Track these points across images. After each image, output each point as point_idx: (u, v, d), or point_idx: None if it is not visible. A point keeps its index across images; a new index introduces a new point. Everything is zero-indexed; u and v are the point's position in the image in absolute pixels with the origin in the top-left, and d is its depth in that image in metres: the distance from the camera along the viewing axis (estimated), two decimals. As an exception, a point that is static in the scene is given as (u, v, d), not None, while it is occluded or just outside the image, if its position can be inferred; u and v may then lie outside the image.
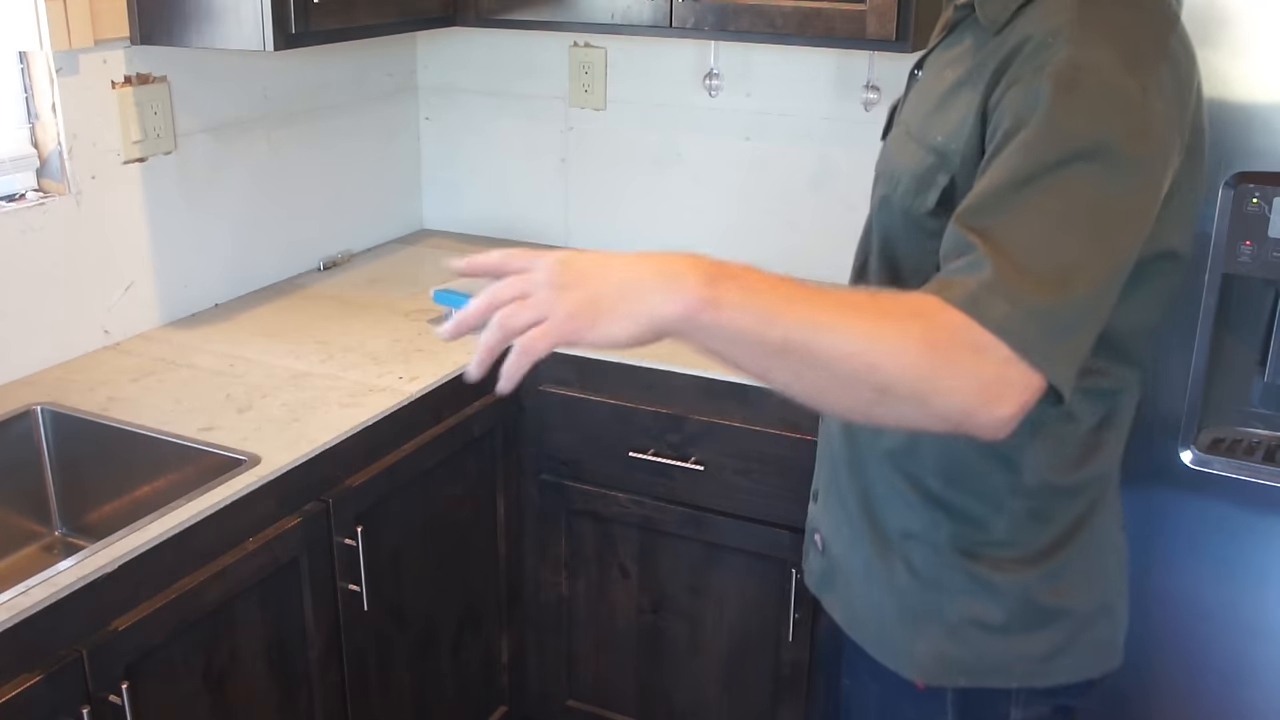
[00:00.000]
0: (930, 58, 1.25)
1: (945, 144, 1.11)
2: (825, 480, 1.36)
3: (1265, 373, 1.77)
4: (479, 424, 2.00)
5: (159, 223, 2.06)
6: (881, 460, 1.24)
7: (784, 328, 0.90)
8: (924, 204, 1.13)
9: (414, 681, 1.96)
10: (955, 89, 1.13)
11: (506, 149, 2.66)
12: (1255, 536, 1.77)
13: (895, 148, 1.23)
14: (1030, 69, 1.02)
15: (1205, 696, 1.88)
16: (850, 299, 0.96)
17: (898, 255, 1.20)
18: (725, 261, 0.96)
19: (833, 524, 1.34)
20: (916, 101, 1.23)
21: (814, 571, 1.41)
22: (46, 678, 1.27)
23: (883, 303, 0.96)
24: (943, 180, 1.11)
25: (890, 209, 1.20)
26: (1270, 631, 1.81)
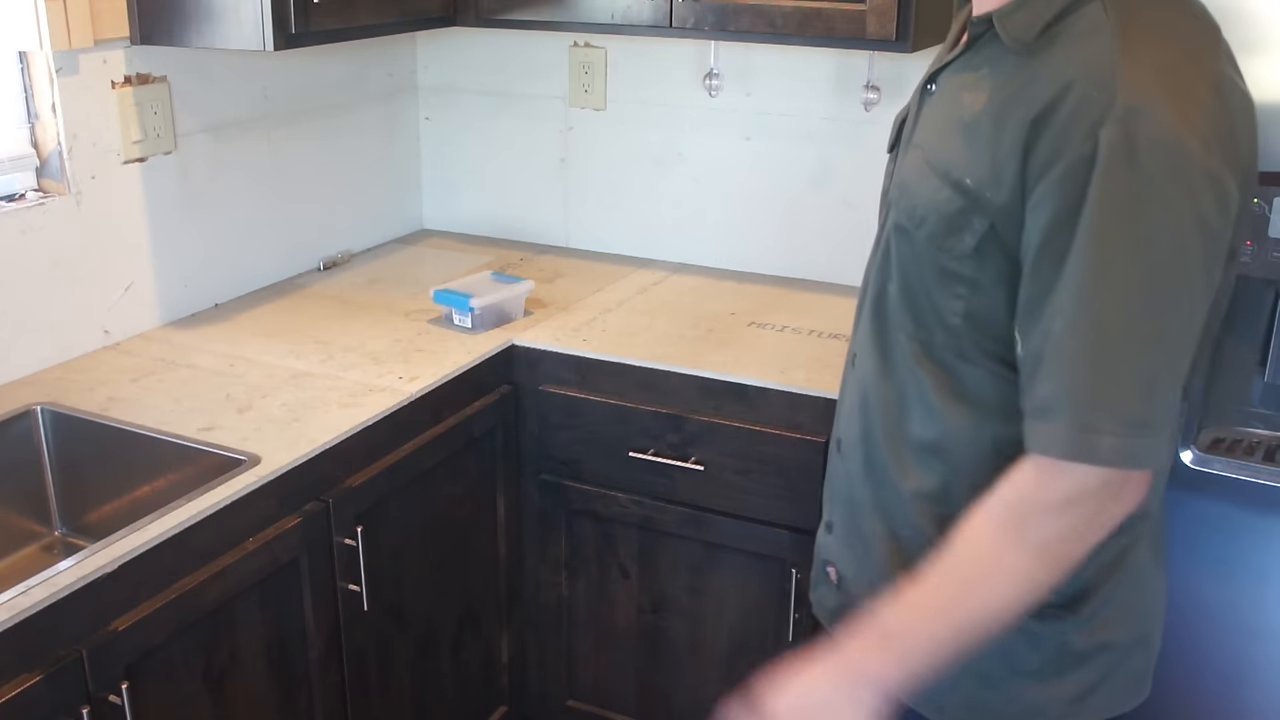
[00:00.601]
0: (945, 74, 1.18)
1: (978, 189, 1.06)
2: (843, 517, 1.31)
3: (1265, 373, 1.77)
4: (479, 424, 2.00)
5: (159, 223, 2.06)
6: (909, 504, 1.20)
7: (954, 636, 1.05)
8: (959, 247, 1.08)
9: (414, 681, 1.96)
10: (979, 121, 1.08)
11: (506, 149, 2.66)
12: (1255, 536, 1.77)
13: (912, 175, 1.16)
14: (1080, 134, 0.98)
15: (1205, 696, 1.88)
16: (966, 560, 1.05)
17: (921, 295, 1.15)
18: (869, 638, 1.09)
19: (852, 562, 1.30)
20: (932, 123, 1.17)
21: (826, 605, 1.37)
22: (46, 678, 1.27)
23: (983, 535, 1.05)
24: (979, 225, 1.07)
25: (913, 245, 1.14)
26: (1270, 631, 1.81)
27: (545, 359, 2.07)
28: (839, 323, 2.18)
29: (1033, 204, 1.02)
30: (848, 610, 1.30)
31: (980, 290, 1.09)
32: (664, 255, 2.56)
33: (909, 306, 1.16)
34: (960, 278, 1.09)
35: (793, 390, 1.89)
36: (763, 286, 2.39)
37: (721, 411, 1.95)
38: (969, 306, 1.10)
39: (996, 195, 1.05)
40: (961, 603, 1.05)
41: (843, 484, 1.31)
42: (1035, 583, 1.03)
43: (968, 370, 1.13)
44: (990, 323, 1.09)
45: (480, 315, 2.10)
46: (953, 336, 1.12)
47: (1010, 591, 1.04)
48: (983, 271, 1.08)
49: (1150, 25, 1.02)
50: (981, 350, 1.11)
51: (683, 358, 2.00)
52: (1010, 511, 1.04)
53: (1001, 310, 1.08)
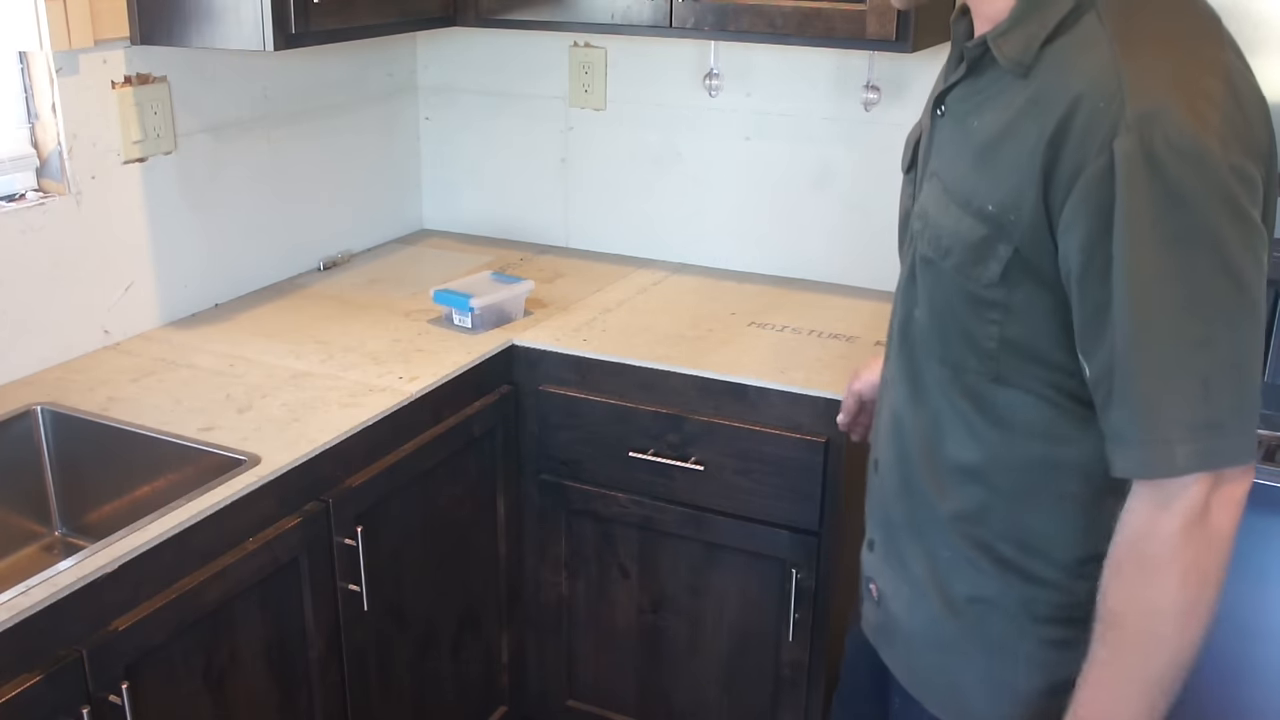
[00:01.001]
0: (954, 95, 1.16)
1: (1000, 214, 1.05)
2: (882, 536, 1.31)
3: (1265, 373, 1.77)
4: (479, 424, 2.00)
5: (159, 223, 2.06)
6: (946, 526, 1.20)
7: (1158, 695, 1.06)
8: (985, 276, 1.07)
9: (414, 681, 1.96)
10: (994, 145, 1.07)
11: (506, 149, 2.66)
12: (1255, 536, 1.78)
13: (933, 206, 1.15)
14: (1094, 148, 0.97)
15: (1205, 696, 1.88)
16: (1130, 623, 1.04)
17: (952, 323, 1.14)
18: None
19: (891, 581, 1.30)
20: (947, 150, 1.16)
21: (870, 622, 1.36)
22: (46, 678, 1.27)
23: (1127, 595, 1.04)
24: (1004, 252, 1.06)
25: (940, 275, 1.13)
26: (1270, 631, 1.81)
27: (545, 359, 2.07)
28: (839, 323, 2.18)
29: (1063, 226, 1.01)
30: (891, 632, 1.30)
31: (1013, 315, 1.08)
32: (664, 255, 2.56)
33: (939, 333, 1.16)
34: (992, 304, 1.08)
35: (793, 390, 1.89)
36: (763, 286, 2.39)
37: (721, 411, 1.95)
38: (1004, 332, 1.09)
39: (1020, 219, 1.04)
40: (1149, 664, 1.04)
41: (880, 504, 1.30)
42: (1198, 609, 1.02)
43: (1004, 394, 1.12)
44: (1027, 346, 1.09)
45: (480, 315, 2.10)
46: (988, 361, 1.11)
47: (1180, 627, 1.02)
48: (1013, 296, 1.07)
49: (1148, 28, 1.01)
50: (1020, 373, 1.10)
51: (683, 358, 2.00)
52: (1135, 559, 1.03)
53: (1038, 332, 1.08)
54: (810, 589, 1.96)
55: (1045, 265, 1.04)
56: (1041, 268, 1.04)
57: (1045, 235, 1.02)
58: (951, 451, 1.17)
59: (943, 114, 1.18)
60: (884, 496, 1.29)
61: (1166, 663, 1.04)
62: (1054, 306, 1.05)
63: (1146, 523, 1.02)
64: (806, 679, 2.03)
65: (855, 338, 2.10)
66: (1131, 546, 1.03)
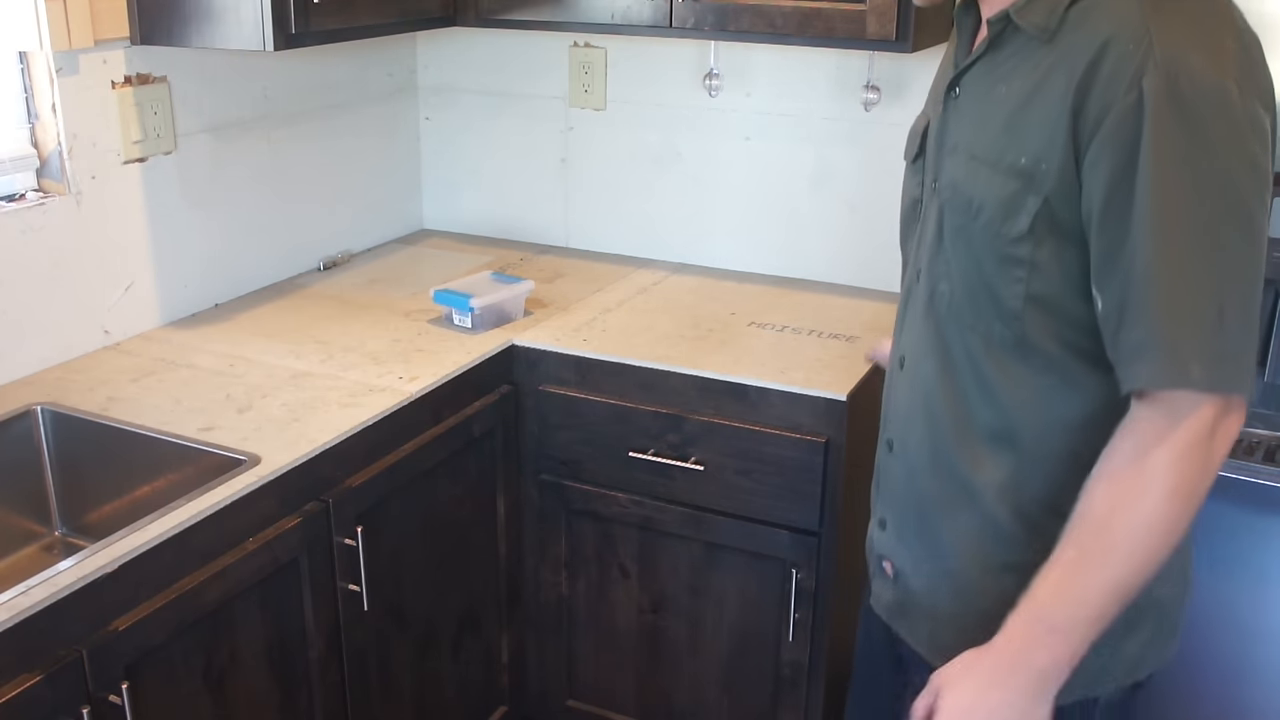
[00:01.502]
0: (970, 75, 1.20)
1: (1031, 165, 1.10)
2: (895, 515, 1.33)
3: (1265, 373, 1.78)
4: (479, 424, 2.00)
5: (159, 223, 2.06)
6: (981, 495, 1.22)
7: (1114, 603, 1.08)
8: (1014, 229, 1.12)
9: (414, 681, 1.96)
10: (1024, 105, 1.11)
11: (506, 149, 2.66)
12: (1255, 536, 1.78)
13: (961, 174, 1.19)
14: (1123, 86, 1.03)
15: (1205, 696, 1.88)
16: (1107, 526, 1.07)
17: (981, 288, 1.17)
18: (1031, 630, 1.11)
19: (909, 557, 1.32)
20: (968, 122, 1.20)
21: (884, 600, 1.38)
22: (46, 678, 1.27)
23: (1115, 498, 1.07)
24: (1033, 204, 1.10)
25: (970, 238, 1.17)
26: (1270, 631, 1.81)
27: (545, 359, 2.07)
28: (839, 323, 2.18)
29: (1088, 164, 1.06)
30: (909, 607, 1.33)
31: (1038, 270, 1.12)
32: (664, 255, 2.56)
33: (970, 301, 1.19)
34: (1019, 261, 1.12)
35: (793, 390, 1.89)
36: (763, 286, 2.39)
37: (721, 411, 1.95)
38: (1029, 289, 1.13)
39: (1050, 167, 1.08)
40: (1114, 569, 1.07)
41: (899, 483, 1.32)
42: (1177, 528, 1.06)
43: (1032, 356, 1.16)
44: (1052, 302, 1.13)
45: (480, 315, 2.10)
46: (1014, 322, 1.15)
47: (1156, 542, 1.06)
48: (1039, 250, 1.11)
49: None
50: (1044, 332, 1.14)
51: (683, 358, 2.00)
52: (1134, 467, 1.06)
53: (1062, 288, 1.12)
54: (810, 589, 1.96)
55: (1070, 215, 1.09)
56: (1066, 219, 1.09)
57: (1072, 178, 1.07)
58: (982, 420, 1.21)
59: (957, 95, 1.22)
60: (907, 475, 1.31)
61: (1134, 571, 1.07)
62: (1076, 260, 1.10)
63: (1154, 436, 1.05)
64: (806, 679, 2.03)
65: (855, 338, 2.10)
66: (1133, 456, 1.06)
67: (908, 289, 1.32)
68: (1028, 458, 1.18)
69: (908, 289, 1.32)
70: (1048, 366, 1.15)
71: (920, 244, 1.28)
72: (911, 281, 1.30)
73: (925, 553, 1.29)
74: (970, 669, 1.14)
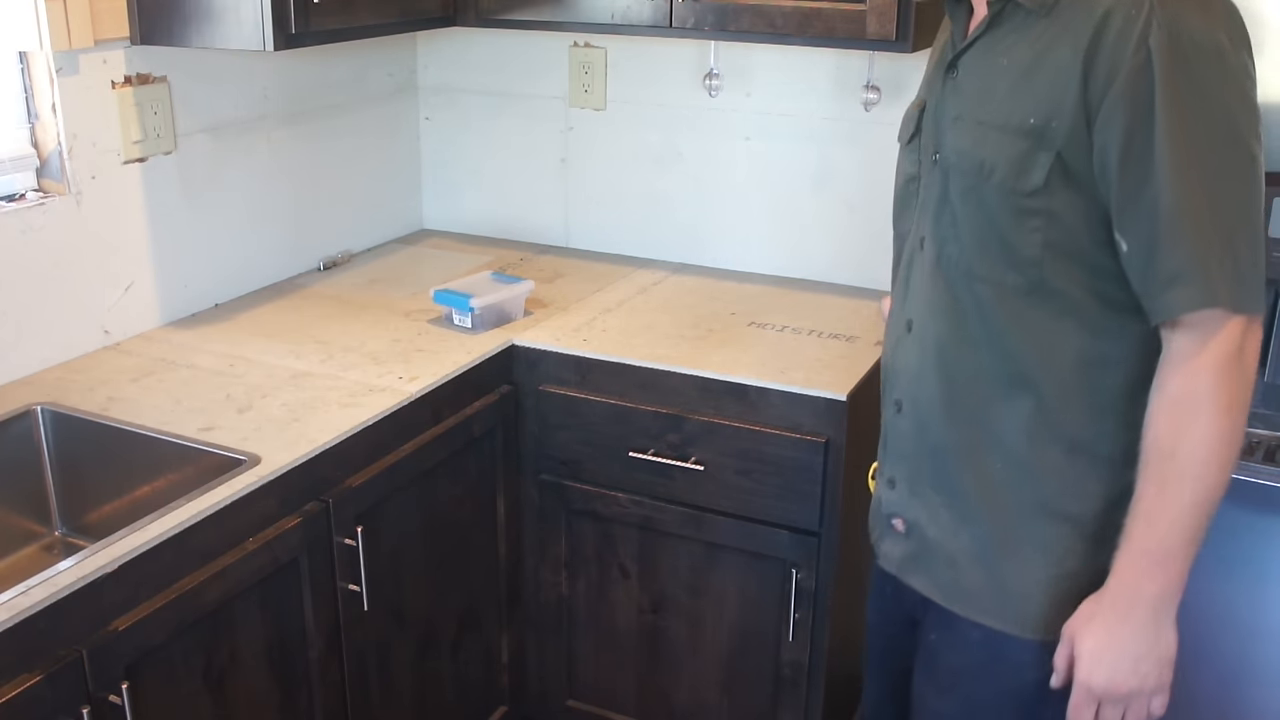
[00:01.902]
0: (969, 54, 1.29)
1: (1041, 125, 1.18)
2: (909, 469, 1.40)
3: (1265, 372, 1.77)
4: (479, 424, 2.00)
5: (159, 223, 2.06)
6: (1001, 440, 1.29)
7: (1201, 522, 1.18)
8: (1029, 184, 1.20)
9: (414, 681, 1.96)
10: (1029, 72, 1.20)
11: (506, 149, 2.66)
12: (1255, 536, 1.78)
13: (968, 140, 1.26)
14: (1131, 47, 1.12)
15: (1205, 696, 1.88)
16: (1176, 453, 1.16)
17: (993, 237, 1.25)
18: (1137, 565, 1.21)
19: (924, 509, 1.38)
20: (970, 93, 1.28)
21: (894, 557, 1.44)
22: (46, 678, 1.27)
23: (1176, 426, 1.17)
24: (1045, 159, 1.19)
25: (982, 197, 1.25)
26: (1269, 631, 1.81)
27: (545, 359, 2.07)
28: (839, 323, 2.18)
29: (1101, 121, 1.15)
30: (924, 557, 1.39)
31: (1054, 219, 1.20)
32: (664, 255, 2.56)
33: (981, 254, 1.26)
34: (1035, 212, 1.21)
35: (793, 390, 1.89)
36: (763, 286, 2.39)
37: (721, 411, 1.95)
38: (1046, 237, 1.21)
39: (1060, 125, 1.17)
40: (1192, 490, 1.16)
41: (910, 440, 1.39)
42: (1235, 438, 1.16)
43: (1049, 301, 1.23)
44: (1068, 248, 1.21)
45: (480, 315, 2.10)
46: (1031, 268, 1.22)
47: (1222, 455, 1.15)
48: (1053, 202, 1.20)
49: None
50: (1062, 276, 1.22)
51: (683, 358, 2.00)
52: (1184, 395, 1.16)
53: (1077, 234, 1.20)
54: (810, 589, 1.96)
55: (1082, 168, 1.18)
56: (1078, 171, 1.18)
57: (1083, 135, 1.17)
58: (998, 367, 1.28)
59: (956, 74, 1.31)
60: (914, 431, 1.38)
61: (1210, 487, 1.16)
62: (1089, 208, 1.19)
63: (1193, 362, 1.15)
64: (806, 679, 2.03)
65: (855, 338, 2.10)
66: (1181, 385, 1.16)
67: (909, 257, 1.39)
68: (1045, 398, 1.26)
69: (909, 257, 1.39)
70: (1064, 310, 1.23)
71: (922, 213, 1.36)
72: (914, 249, 1.38)
73: (942, 501, 1.35)
74: (1095, 614, 1.23)
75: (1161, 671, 1.23)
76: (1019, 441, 1.28)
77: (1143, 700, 1.24)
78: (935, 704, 1.42)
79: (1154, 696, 1.24)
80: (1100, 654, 1.22)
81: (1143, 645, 1.21)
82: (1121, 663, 1.22)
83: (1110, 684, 1.22)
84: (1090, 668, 1.23)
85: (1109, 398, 1.24)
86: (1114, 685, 1.22)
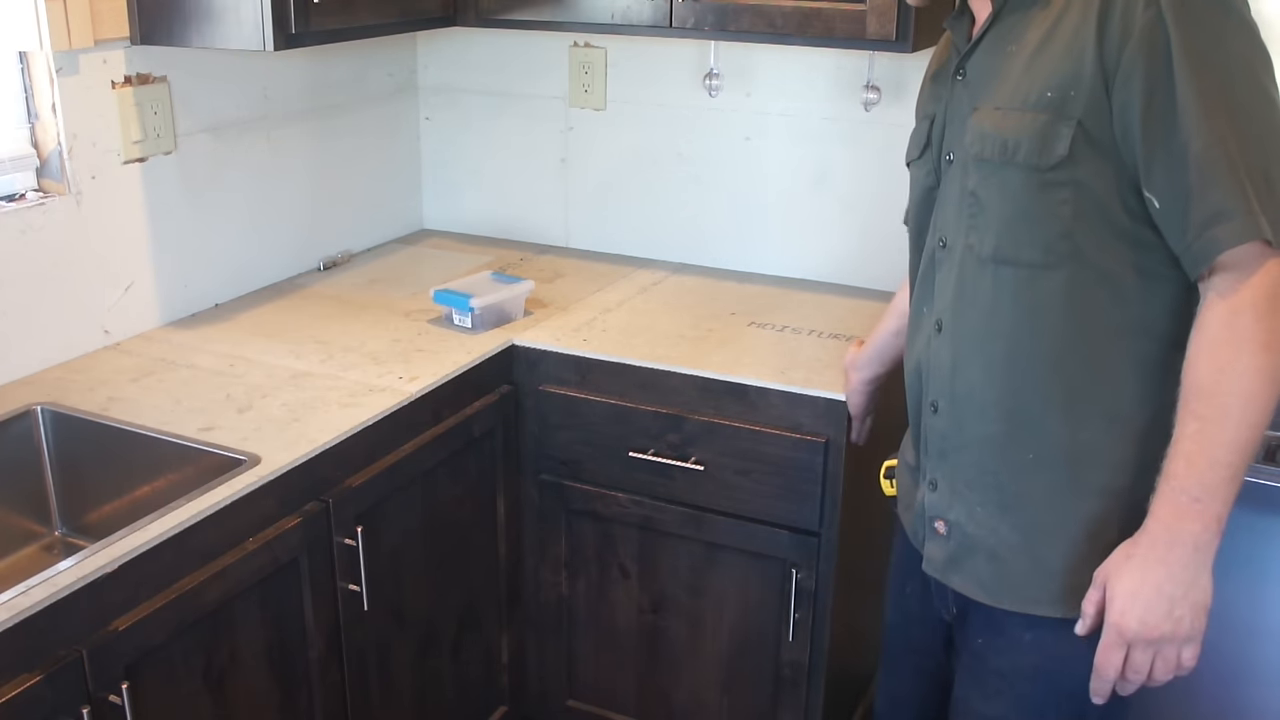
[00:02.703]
0: (978, 53, 1.32)
1: (1060, 95, 1.20)
2: (950, 468, 1.39)
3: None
4: (479, 424, 2.00)
5: (159, 223, 2.06)
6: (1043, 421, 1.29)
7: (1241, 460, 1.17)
8: (1052, 156, 1.21)
9: (414, 681, 1.96)
10: (1039, 50, 1.23)
11: (506, 149, 2.66)
12: (1255, 536, 1.78)
13: (989, 124, 1.27)
14: (1140, 6, 1.15)
15: (1205, 696, 1.88)
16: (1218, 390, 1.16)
17: (1019, 218, 1.26)
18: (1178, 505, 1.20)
19: (964, 508, 1.38)
20: (984, 87, 1.30)
21: (936, 560, 1.44)
22: (46, 678, 1.27)
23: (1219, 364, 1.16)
24: (1066, 130, 1.20)
25: (1006, 179, 1.26)
26: (1270, 631, 1.81)
27: (545, 359, 2.07)
28: (839, 323, 2.18)
29: (1120, 82, 1.17)
30: (960, 556, 1.39)
31: (1083, 188, 1.21)
32: (664, 255, 2.56)
33: (1008, 239, 1.27)
34: (1061, 184, 1.22)
35: (793, 390, 1.89)
36: (763, 286, 2.39)
37: (721, 411, 1.95)
38: (1076, 208, 1.22)
39: (1079, 92, 1.19)
40: (1233, 428, 1.15)
41: (950, 439, 1.39)
42: (1277, 376, 1.15)
43: (1080, 274, 1.24)
44: (1099, 215, 1.22)
45: (480, 315, 2.10)
46: (1062, 242, 1.23)
47: (1264, 394, 1.15)
48: (1079, 170, 1.21)
49: None
50: (1097, 246, 1.23)
51: (683, 358, 2.00)
52: (1225, 333, 1.16)
53: (1107, 197, 1.21)
54: (810, 589, 1.96)
55: (1104, 134, 1.19)
56: (1101, 137, 1.20)
57: (1103, 100, 1.18)
58: (1033, 349, 1.28)
59: (964, 77, 1.34)
60: (954, 429, 1.38)
61: (1251, 425, 1.16)
62: (1116, 173, 1.20)
63: (1233, 301, 1.15)
64: (806, 679, 2.03)
65: (855, 338, 2.10)
66: (1221, 324, 1.16)
67: (929, 259, 1.40)
68: (1081, 374, 1.27)
69: (929, 259, 1.40)
70: (1098, 281, 1.24)
71: (940, 216, 1.37)
72: (934, 249, 1.39)
73: (979, 497, 1.35)
74: (1130, 555, 1.22)
75: (1196, 617, 1.20)
76: (1055, 422, 1.28)
77: (1174, 647, 1.21)
78: (982, 708, 1.40)
79: (1185, 645, 1.21)
80: (1135, 594, 1.20)
81: (1179, 587, 1.19)
82: (1157, 604, 1.19)
83: (1143, 626, 1.20)
84: (1124, 608, 1.21)
85: (1145, 367, 1.25)
86: (1147, 628, 1.20)
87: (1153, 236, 1.21)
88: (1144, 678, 1.23)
